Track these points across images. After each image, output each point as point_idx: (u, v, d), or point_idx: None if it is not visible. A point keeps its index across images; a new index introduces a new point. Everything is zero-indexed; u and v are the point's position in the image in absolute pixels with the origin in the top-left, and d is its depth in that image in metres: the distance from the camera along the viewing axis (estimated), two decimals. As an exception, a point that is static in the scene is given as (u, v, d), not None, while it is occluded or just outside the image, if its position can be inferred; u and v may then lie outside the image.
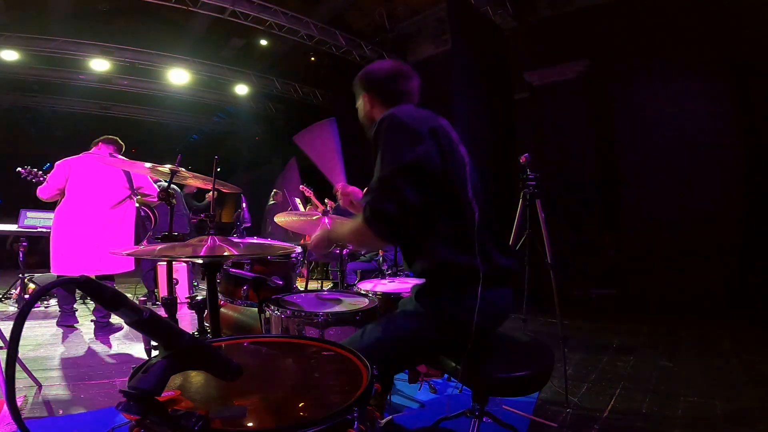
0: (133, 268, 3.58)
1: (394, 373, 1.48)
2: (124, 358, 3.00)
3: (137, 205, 3.70)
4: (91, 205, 3.30)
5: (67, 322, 3.63)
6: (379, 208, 1.17)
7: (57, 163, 3.34)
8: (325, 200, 5.37)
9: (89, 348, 3.18)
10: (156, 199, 3.69)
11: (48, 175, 3.38)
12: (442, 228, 1.25)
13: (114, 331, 3.48)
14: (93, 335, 3.43)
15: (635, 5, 5.00)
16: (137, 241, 3.78)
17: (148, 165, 1.96)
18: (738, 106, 4.67)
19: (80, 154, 3.42)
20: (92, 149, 3.51)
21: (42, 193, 3.35)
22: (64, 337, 3.42)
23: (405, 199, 1.15)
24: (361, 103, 1.52)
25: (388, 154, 1.20)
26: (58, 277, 3.30)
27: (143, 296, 4.85)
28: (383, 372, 1.26)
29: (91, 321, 3.48)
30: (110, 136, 3.59)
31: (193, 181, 2.15)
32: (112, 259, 3.31)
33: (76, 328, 3.65)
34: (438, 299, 1.26)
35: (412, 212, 1.17)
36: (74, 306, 3.73)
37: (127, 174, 3.49)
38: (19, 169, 4.07)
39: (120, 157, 3.36)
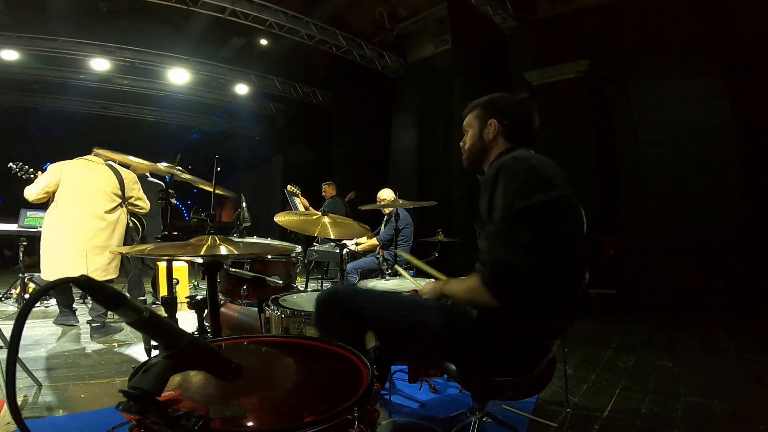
0: (116, 275, 3.49)
1: (395, 358, 1.46)
2: (124, 358, 2.99)
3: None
4: (80, 211, 3.23)
5: (66, 321, 3.63)
6: (500, 263, 1.05)
7: (50, 165, 3.27)
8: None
9: (89, 348, 3.18)
10: (145, 210, 3.65)
11: (39, 175, 3.29)
12: (549, 285, 1.13)
13: (112, 332, 3.48)
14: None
15: (635, 5, 5.00)
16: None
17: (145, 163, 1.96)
18: (737, 105, 4.67)
19: (74, 159, 3.35)
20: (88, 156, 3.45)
21: (29, 194, 3.25)
22: (64, 337, 3.41)
23: (528, 243, 1.04)
24: (476, 128, 1.36)
25: (514, 193, 1.07)
26: None
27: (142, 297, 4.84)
28: (385, 360, 1.24)
29: (87, 322, 3.48)
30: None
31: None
32: (98, 266, 3.26)
33: (76, 325, 3.63)
34: (502, 327, 1.17)
35: (535, 257, 1.05)
36: (73, 306, 3.72)
37: (121, 182, 3.44)
38: (10, 164, 3.86)
39: (116, 156, 3.24)
